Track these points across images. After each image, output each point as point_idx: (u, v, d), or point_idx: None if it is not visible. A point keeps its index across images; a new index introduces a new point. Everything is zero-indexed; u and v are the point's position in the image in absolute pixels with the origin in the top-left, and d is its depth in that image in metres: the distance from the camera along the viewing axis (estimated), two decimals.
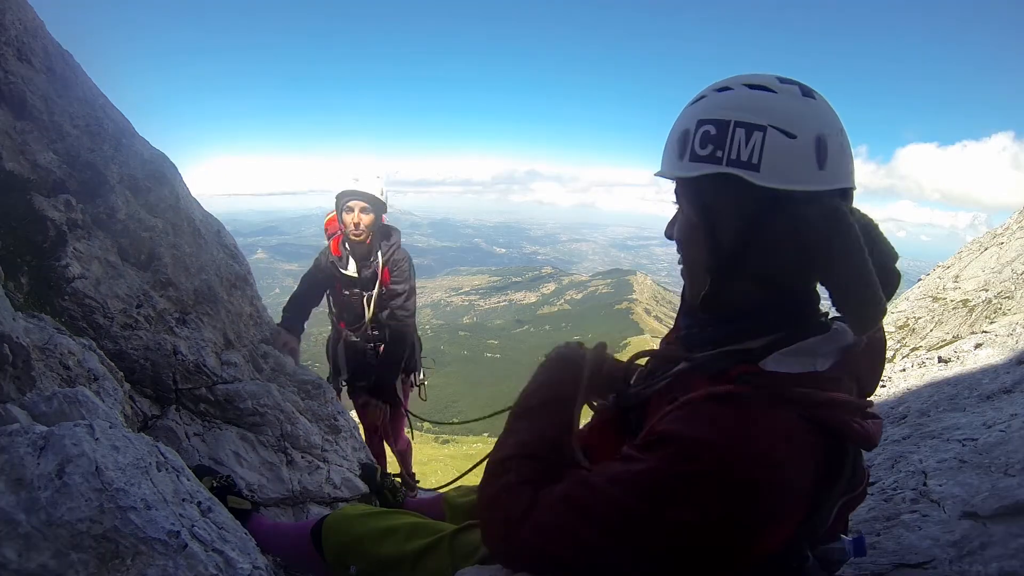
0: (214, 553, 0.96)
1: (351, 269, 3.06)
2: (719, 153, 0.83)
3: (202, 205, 2.66)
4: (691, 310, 0.99)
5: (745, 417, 0.78)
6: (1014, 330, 3.48)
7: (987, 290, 4.71)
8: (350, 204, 2.95)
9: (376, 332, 3.21)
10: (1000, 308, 4.34)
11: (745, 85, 0.86)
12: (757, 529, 0.75)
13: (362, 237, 3.00)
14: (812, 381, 0.83)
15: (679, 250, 0.98)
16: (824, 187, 0.82)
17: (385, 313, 3.19)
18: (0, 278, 1.44)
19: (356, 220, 2.95)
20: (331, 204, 3.10)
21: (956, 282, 5.33)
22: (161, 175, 2.34)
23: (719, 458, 0.74)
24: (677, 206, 0.97)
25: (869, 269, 0.79)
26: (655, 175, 0.96)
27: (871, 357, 0.94)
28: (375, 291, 3.10)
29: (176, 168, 2.48)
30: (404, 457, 3.60)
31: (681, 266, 0.99)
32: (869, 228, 0.85)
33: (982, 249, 5.64)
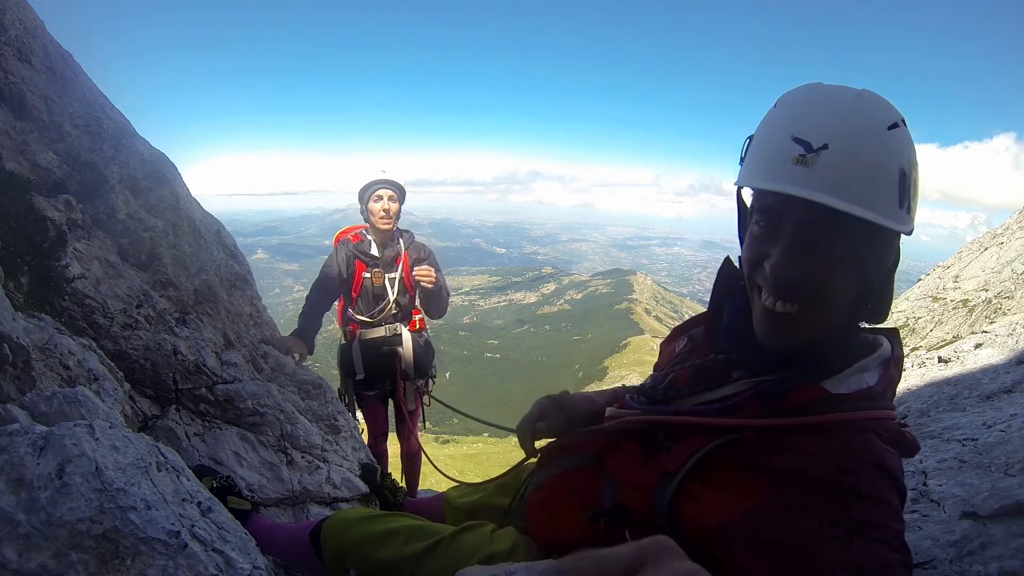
0: (214, 553, 0.96)
1: (374, 249, 3.16)
2: (914, 202, 0.81)
3: (202, 205, 2.66)
4: (738, 333, 0.93)
5: (877, 440, 0.79)
6: (1014, 330, 3.48)
7: (987, 290, 4.71)
8: (379, 193, 3.07)
9: (396, 313, 3.25)
10: (1000, 308, 4.34)
11: (901, 120, 0.80)
12: None
13: (390, 225, 3.11)
14: (870, 398, 0.84)
15: (808, 298, 0.81)
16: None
17: (406, 299, 3.26)
18: (0, 278, 1.44)
19: (386, 207, 3.05)
20: (331, 204, 3.15)
21: (956, 282, 5.32)
22: (161, 175, 2.34)
23: (894, 474, 0.76)
24: (815, 246, 0.79)
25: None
26: (841, 207, 0.74)
27: (897, 369, 0.94)
28: (398, 272, 3.20)
29: (176, 168, 2.48)
30: (413, 463, 3.60)
31: (782, 309, 0.82)
32: None
33: (982, 249, 5.63)
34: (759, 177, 0.82)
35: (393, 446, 3.61)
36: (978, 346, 3.54)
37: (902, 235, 0.81)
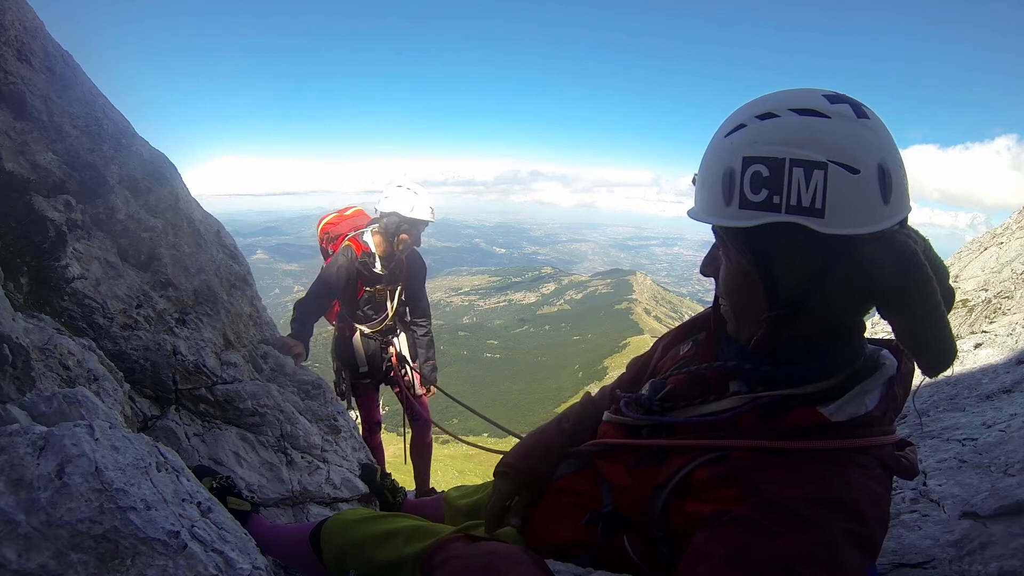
0: (214, 553, 0.96)
1: (378, 266, 3.25)
2: (776, 199, 0.74)
3: (202, 205, 2.66)
4: (737, 346, 0.93)
5: (862, 477, 0.77)
6: (1014, 330, 3.48)
7: (987, 290, 4.71)
8: (423, 230, 3.22)
9: (392, 324, 3.40)
10: (1000, 308, 4.34)
11: (792, 110, 0.76)
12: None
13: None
14: (867, 424, 0.82)
15: (724, 295, 0.91)
16: (891, 223, 0.75)
17: (404, 308, 3.43)
18: (0, 278, 1.44)
19: (416, 243, 3.23)
20: (331, 205, 3.22)
21: (956, 282, 5.32)
22: (161, 175, 2.34)
23: (862, 519, 0.72)
24: (721, 249, 0.89)
25: (942, 312, 0.74)
26: (691, 217, 0.86)
27: (903, 386, 0.91)
28: (400, 286, 3.35)
29: (176, 168, 2.48)
30: (424, 456, 3.68)
31: (724, 306, 0.93)
32: (929, 254, 0.78)
33: (982, 249, 5.63)
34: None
35: (390, 446, 3.63)
36: (978, 346, 3.54)
37: (854, 241, 0.76)
